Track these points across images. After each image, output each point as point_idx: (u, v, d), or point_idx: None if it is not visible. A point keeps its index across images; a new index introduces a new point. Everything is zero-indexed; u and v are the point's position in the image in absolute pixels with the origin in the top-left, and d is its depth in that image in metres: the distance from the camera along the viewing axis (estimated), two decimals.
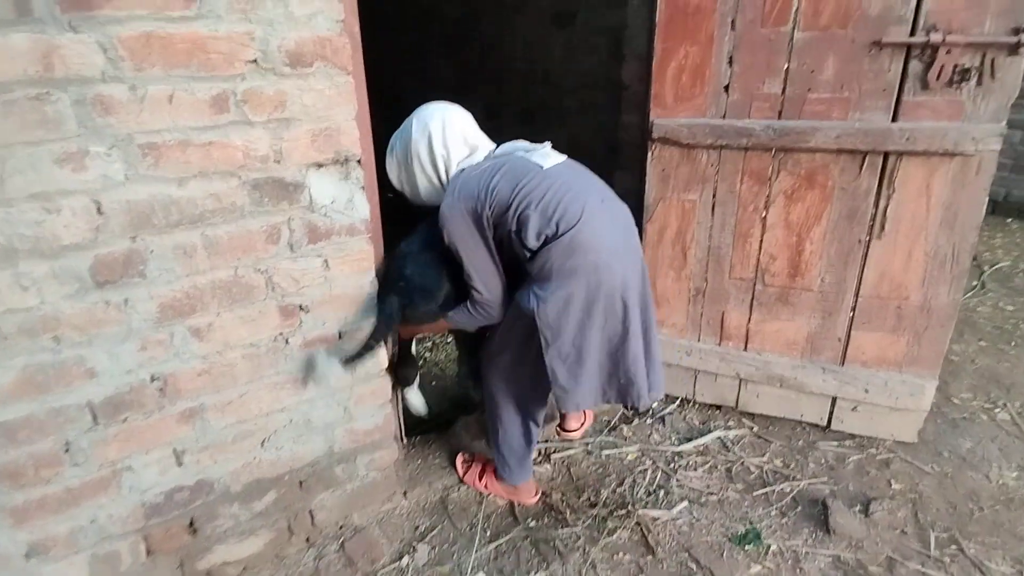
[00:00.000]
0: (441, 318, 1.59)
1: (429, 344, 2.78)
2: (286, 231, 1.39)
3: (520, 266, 1.47)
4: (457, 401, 2.30)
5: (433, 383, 2.52)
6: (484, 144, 1.58)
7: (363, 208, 1.49)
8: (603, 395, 1.52)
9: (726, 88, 1.86)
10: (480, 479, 1.87)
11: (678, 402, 2.28)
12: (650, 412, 2.25)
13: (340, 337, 1.55)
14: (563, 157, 1.54)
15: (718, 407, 2.25)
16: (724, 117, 1.89)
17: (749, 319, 2.07)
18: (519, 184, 1.39)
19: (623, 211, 1.53)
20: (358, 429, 1.66)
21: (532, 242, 1.38)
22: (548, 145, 1.56)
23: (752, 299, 2.04)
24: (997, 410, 2.23)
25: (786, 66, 1.78)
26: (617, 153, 2.30)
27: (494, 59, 3.15)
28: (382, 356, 1.64)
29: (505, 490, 1.84)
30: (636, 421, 2.21)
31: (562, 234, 1.36)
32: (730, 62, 1.83)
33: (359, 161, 1.46)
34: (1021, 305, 3.12)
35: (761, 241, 1.97)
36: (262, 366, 1.45)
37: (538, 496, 1.85)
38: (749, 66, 1.82)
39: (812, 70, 1.76)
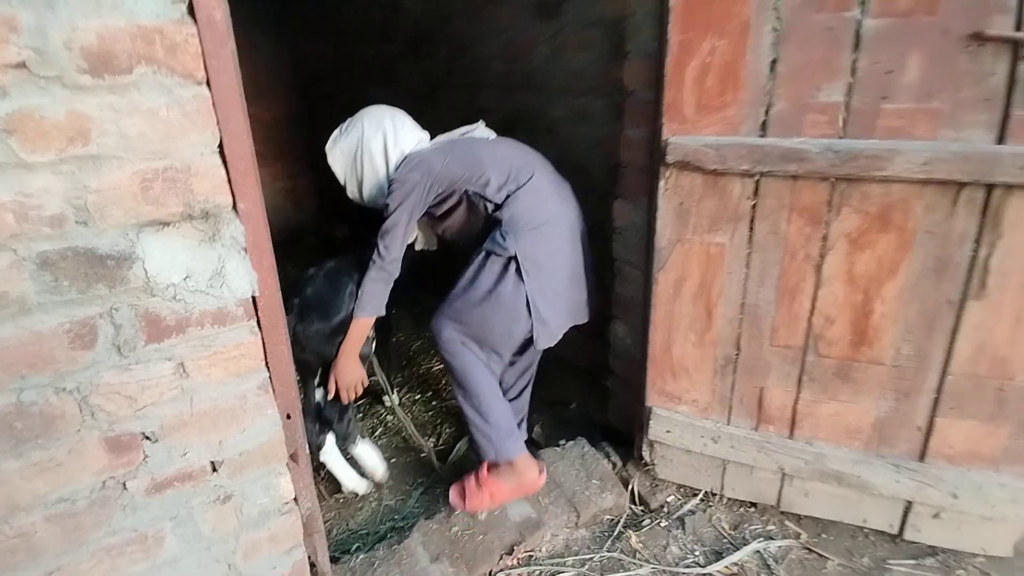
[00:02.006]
0: (340, 341, 1.69)
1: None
2: (107, 328, 0.90)
3: (470, 227, 1.72)
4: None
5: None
6: (426, 136, 1.80)
7: (241, 281, 1.00)
8: (569, 318, 1.72)
9: (768, 95, 1.37)
10: (479, 496, 1.64)
11: (701, 496, 1.78)
12: (665, 510, 1.76)
13: (215, 470, 1.05)
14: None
15: (753, 504, 1.75)
16: (765, 134, 1.39)
17: (797, 398, 1.57)
18: (473, 155, 1.65)
19: (552, 168, 1.78)
20: None
21: (495, 196, 1.61)
22: (482, 123, 1.84)
23: (801, 373, 1.55)
24: None
25: (852, 66, 1.30)
26: (617, 176, 1.80)
27: (467, 61, 2.65)
28: (286, 487, 1.15)
29: (509, 486, 1.66)
30: (648, 524, 1.71)
31: (524, 183, 1.62)
32: (773, 60, 1.35)
33: (236, 211, 0.98)
34: None
35: (814, 299, 1.47)
36: (83, 528, 0.96)
37: (543, 473, 1.68)
38: (800, 65, 1.33)
39: (888, 71, 1.27)
